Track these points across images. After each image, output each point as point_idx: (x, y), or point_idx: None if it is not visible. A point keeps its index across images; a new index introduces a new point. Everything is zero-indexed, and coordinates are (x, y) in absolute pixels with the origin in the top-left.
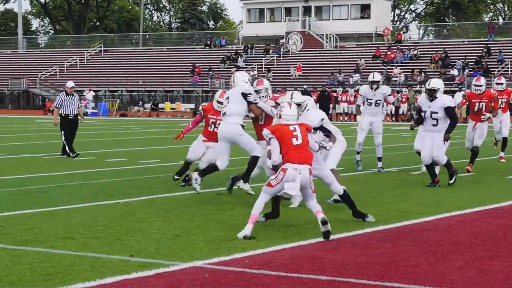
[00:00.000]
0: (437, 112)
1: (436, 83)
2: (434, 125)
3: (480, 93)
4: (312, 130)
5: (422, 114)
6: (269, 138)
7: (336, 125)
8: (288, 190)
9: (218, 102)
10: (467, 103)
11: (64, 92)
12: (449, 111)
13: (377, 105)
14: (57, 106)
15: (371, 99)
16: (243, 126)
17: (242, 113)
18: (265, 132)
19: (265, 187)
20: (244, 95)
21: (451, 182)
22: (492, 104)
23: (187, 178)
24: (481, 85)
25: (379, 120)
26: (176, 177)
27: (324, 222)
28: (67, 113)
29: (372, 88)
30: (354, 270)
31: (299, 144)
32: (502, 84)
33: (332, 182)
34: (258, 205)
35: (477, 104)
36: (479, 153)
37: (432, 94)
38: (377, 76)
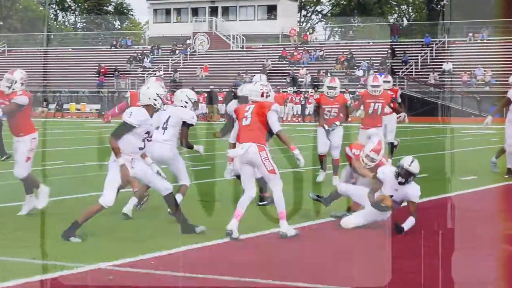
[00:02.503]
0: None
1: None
2: None
3: (333, 97)
4: None
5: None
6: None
7: None
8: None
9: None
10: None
11: None
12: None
13: None
14: None
15: None
16: None
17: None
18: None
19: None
20: None
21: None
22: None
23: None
24: (335, 87)
25: None
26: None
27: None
28: None
29: None
30: (259, 270)
31: (247, 125)
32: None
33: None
34: (241, 202)
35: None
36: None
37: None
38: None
